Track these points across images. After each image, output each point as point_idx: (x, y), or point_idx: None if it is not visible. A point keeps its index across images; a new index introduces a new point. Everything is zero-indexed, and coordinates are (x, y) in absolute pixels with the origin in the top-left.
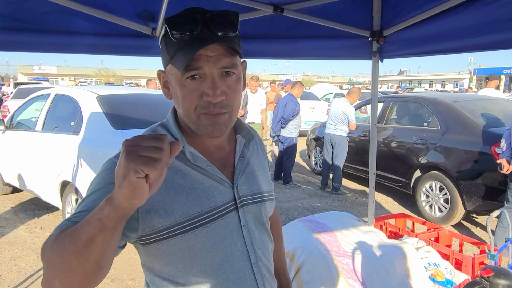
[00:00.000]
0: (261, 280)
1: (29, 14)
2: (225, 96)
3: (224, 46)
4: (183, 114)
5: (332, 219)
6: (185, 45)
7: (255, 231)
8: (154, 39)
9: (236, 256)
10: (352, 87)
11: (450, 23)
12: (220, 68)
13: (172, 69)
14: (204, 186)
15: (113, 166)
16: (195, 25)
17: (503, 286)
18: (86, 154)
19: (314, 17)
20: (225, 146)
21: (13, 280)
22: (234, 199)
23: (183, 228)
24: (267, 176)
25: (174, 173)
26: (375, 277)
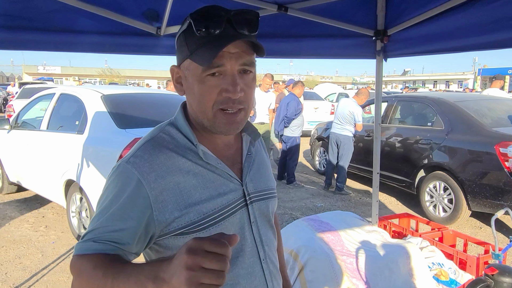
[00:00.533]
0: (269, 276)
1: (35, 13)
2: (243, 93)
3: (246, 42)
4: (198, 110)
5: (336, 219)
6: (209, 42)
7: (262, 228)
8: (159, 38)
9: (246, 252)
10: (361, 88)
11: (454, 22)
12: (240, 65)
13: (191, 64)
14: (216, 184)
15: (126, 172)
16: (220, 22)
17: (508, 284)
18: (90, 153)
19: (318, 16)
20: (232, 144)
21: (18, 278)
22: (244, 196)
23: (198, 227)
24: (270, 173)
25: (186, 174)
26: (379, 277)
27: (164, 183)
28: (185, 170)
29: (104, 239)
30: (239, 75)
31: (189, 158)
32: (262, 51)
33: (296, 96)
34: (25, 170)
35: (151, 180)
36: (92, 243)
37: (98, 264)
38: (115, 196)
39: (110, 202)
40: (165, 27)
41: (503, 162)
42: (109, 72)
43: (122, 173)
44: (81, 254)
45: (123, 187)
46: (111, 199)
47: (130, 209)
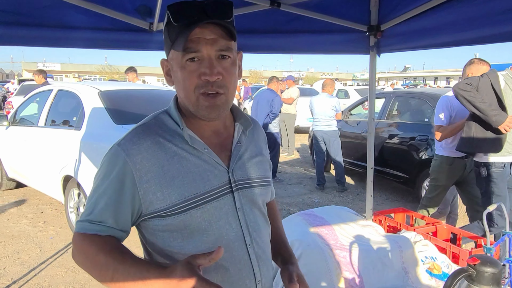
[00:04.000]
0: (256, 261)
1: (29, 8)
2: (221, 77)
3: (220, 29)
4: (183, 96)
5: (331, 213)
6: (185, 29)
7: (250, 214)
8: (152, 34)
9: (231, 237)
10: (325, 80)
11: (446, 16)
12: (217, 50)
13: (174, 53)
14: (200, 169)
15: (116, 153)
16: (194, 10)
17: (489, 274)
18: (87, 149)
19: (311, 11)
20: (222, 132)
21: (16, 273)
22: (229, 182)
23: (179, 209)
24: (265, 163)
25: (171, 157)
26: (371, 270)
27: (149, 165)
28: (170, 154)
29: (98, 220)
30: (217, 60)
31: (176, 143)
32: (234, 36)
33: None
34: (24, 166)
35: (136, 162)
36: (88, 224)
37: (100, 250)
38: (105, 175)
39: (101, 181)
40: (157, 23)
41: None
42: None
43: (112, 154)
44: (81, 232)
45: (112, 167)
46: (101, 178)
47: (118, 187)
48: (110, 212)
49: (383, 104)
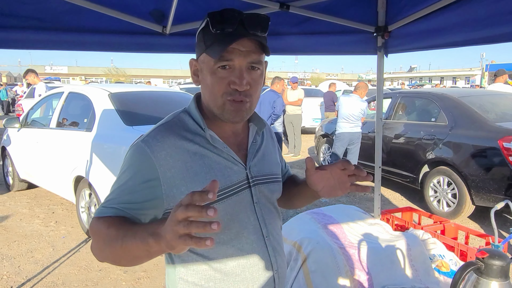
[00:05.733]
0: (272, 252)
1: (47, 13)
2: (249, 87)
3: (254, 43)
4: (209, 98)
5: (339, 212)
6: (222, 38)
7: (265, 208)
8: (164, 37)
9: (250, 229)
10: (359, 82)
11: (453, 17)
12: (248, 62)
13: (206, 57)
14: (221, 166)
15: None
16: (233, 22)
17: (497, 266)
18: (99, 150)
19: (319, 13)
20: (240, 132)
21: (30, 271)
22: (247, 179)
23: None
24: (277, 160)
25: (193, 154)
26: (380, 267)
27: (173, 161)
28: (193, 152)
29: (117, 207)
30: (247, 70)
31: (197, 141)
32: (268, 51)
33: (279, 93)
34: (35, 167)
35: (160, 158)
36: (107, 209)
37: (111, 224)
38: (129, 170)
39: (124, 175)
40: (170, 26)
41: (507, 156)
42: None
43: (136, 150)
44: (98, 217)
45: (136, 162)
46: (125, 172)
47: (140, 178)
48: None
49: (389, 104)
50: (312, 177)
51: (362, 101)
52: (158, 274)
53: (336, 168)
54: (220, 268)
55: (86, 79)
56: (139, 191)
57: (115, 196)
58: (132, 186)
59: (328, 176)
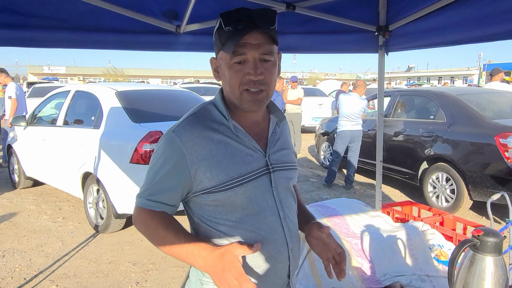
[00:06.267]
0: (288, 232)
1: (68, 14)
2: (263, 76)
3: (264, 35)
4: (229, 91)
5: (342, 205)
6: (234, 34)
7: (282, 193)
8: (178, 35)
9: (268, 211)
10: (358, 81)
11: (451, 17)
12: (260, 53)
13: (223, 54)
14: (242, 153)
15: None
16: (242, 19)
17: (491, 243)
18: (107, 146)
19: (324, 13)
20: (260, 123)
21: (42, 264)
22: (266, 165)
23: (226, 187)
24: (292, 150)
25: (218, 143)
26: (382, 256)
27: (200, 149)
28: (217, 140)
29: (155, 198)
30: (260, 62)
31: (222, 131)
32: (277, 42)
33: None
34: (42, 164)
35: (189, 146)
36: (146, 201)
37: (159, 223)
38: (161, 156)
39: (157, 162)
40: (185, 25)
41: (503, 152)
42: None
43: (168, 140)
44: (141, 207)
45: (167, 150)
46: (157, 159)
47: (173, 168)
48: (166, 191)
49: (389, 102)
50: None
51: (362, 99)
52: (166, 266)
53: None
54: None
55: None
56: (173, 180)
57: (153, 186)
58: (166, 173)
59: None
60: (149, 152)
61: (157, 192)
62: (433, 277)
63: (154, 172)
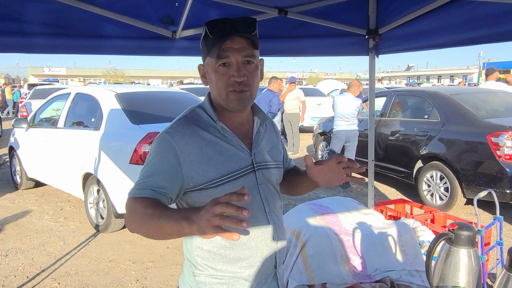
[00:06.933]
0: (273, 226)
1: (68, 21)
2: (247, 78)
3: (245, 40)
4: (216, 93)
5: (335, 203)
6: (218, 40)
7: (266, 189)
8: (174, 41)
9: (255, 207)
10: (352, 81)
11: (438, 20)
12: (243, 56)
13: (209, 60)
14: (230, 153)
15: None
16: (226, 26)
17: (465, 236)
18: (107, 147)
19: (315, 18)
20: (245, 124)
21: (44, 262)
22: (252, 164)
23: (216, 184)
24: (278, 149)
25: (207, 143)
26: (373, 252)
27: (191, 148)
28: (207, 140)
29: (146, 186)
30: (243, 65)
31: (211, 132)
32: (257, 46)
33: (276, 92)
34: (44, 165)
35: (181, 145)
36: (140, 191)
37: (148, 205)
38: (155, 156)
39: (151, 160)
40: (180, 31)
41: (495, 151)
42: (114, 72)
43: (161, 140)
44: (133, 197)
45: (161, 149)
46: (152, 158)
47: (165, 164)
48: (157, 181)
49: (384, 102)
50: (312, 171)
51: (356, 99)
52: (164, 264)
53: (331, 162)
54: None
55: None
56: (166, 175)
57: (146, 179)
58: (160, 170)
59: (325, 170)
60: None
61: (149, 182)
62: (422, 272)
63: (147, 169)
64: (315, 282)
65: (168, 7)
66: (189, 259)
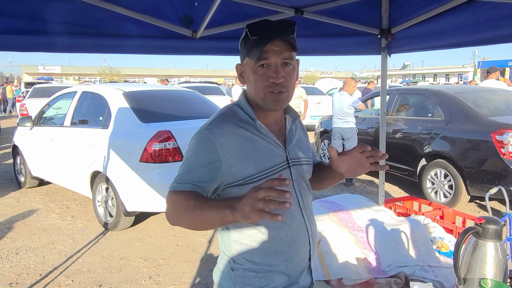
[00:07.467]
0: (307, 220)
1: (91, 20)
2: (284, 79)
3: (285, 43)
4: (254, 93)
5: (346, 200)
6: (258, 43)
7: (300, 185)
8: (193, 40)
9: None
10: (346, 79)
11: (451, 21)
12: (282, 58)
13: (248, 61)
14: (267, 149)
15: (204, 135)
16: (266, 29)
17: (492, 229)
18: (116, 146)
19: (329, 17)
20: (279, 122)
21: (55, 260)
22: (287, 160)
23: (254, 179)
24: (308, 146)
25: (245, 139)
26: (386, 248)
27: (230, 144)
28: (245, 137)
29: (186, 180)
30: (281, 66)
31: (248, 129)
32: (296, 49)
33: None
34: (50, 164)
35: (220, 141)
36: (180, 184)
37: (189, 197)
38: (195, 151)
39: (191, 155)
40: (202, 30)
41: (499, 149)
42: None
43: (201, 136)
44: (174, 190)
45: (201, 145)
46: (191, 153)
47: (205, 160)
48: (197, 176)
49: (387, 100)
50: (336, 162)
51: (349, 96)
52: (176, 262)
53: (355, 152)
54: (267, 232)
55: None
56: (206, 170)
57: (186, 174)
58: (200, 165)
59: (349, 160)
60: (158, 151)
61: (188, 177)
62: (435, 267)
63: (187, 164)
64: (331, 277)
65: (187, 6)
66: (226, 253)
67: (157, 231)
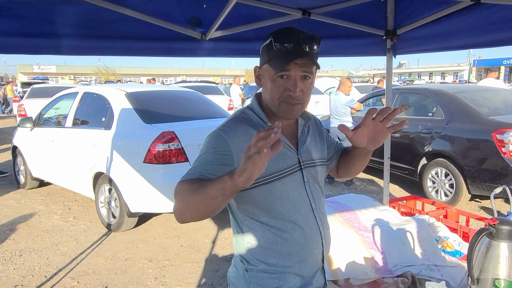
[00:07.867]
0: (320, 222)
1: (100, 23)
2: (301, 93)
3: (308, 58)
4: (269, 100)
5: (351, 200)
6: (283, 54)
7: (312, 187)
8: (202, 42)
9: (302, 203)
10: (342, 79)
11: (457, 23)
12: (302, 71)
13: (268, 68)
14: (279, 152)
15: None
16: (292, 41)
17: (506, 230)
18: (119, 146)
19: (336, 19)
20: (291, 125)
21: (59, 262)
22: (299, 162)
23: (266, 181)
24: (322, 148)
25: None
26: (393, 248)
27: (243, 146)
28: None
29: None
30: (300, 79)
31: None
32: (318, 65)
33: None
34: (51, 165)
35: (234, 142)
36: (189, 175)
37: (194, 181)
38: (208, 149)
39: (205, 153)
40: (212, 32)
41: (500, 148)
42: (105, 70)
43: (215, 135)
44: (181, 180)
45: (215, 144)
46: (204, 151)
47: (218, 156)
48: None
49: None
50: (353, 138)
51: (344, 96)
52: (181, 262)
53: (367, 121)
54: (281, 234)
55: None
56: (218, 167)
57: (197, 168)
58: (212, 160)
59: (365, 131)
60: (162, 152)
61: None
62: (440, 267)
63: (199, 160)
64: (339, 277)
65: (196, 8)
66: (240, 254)
67: (161, 232)
